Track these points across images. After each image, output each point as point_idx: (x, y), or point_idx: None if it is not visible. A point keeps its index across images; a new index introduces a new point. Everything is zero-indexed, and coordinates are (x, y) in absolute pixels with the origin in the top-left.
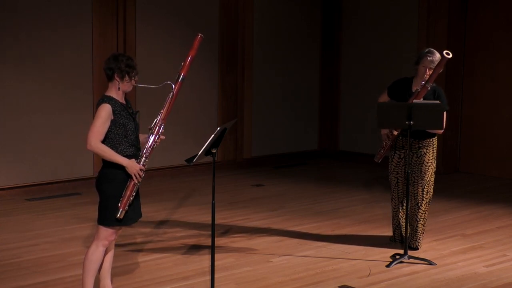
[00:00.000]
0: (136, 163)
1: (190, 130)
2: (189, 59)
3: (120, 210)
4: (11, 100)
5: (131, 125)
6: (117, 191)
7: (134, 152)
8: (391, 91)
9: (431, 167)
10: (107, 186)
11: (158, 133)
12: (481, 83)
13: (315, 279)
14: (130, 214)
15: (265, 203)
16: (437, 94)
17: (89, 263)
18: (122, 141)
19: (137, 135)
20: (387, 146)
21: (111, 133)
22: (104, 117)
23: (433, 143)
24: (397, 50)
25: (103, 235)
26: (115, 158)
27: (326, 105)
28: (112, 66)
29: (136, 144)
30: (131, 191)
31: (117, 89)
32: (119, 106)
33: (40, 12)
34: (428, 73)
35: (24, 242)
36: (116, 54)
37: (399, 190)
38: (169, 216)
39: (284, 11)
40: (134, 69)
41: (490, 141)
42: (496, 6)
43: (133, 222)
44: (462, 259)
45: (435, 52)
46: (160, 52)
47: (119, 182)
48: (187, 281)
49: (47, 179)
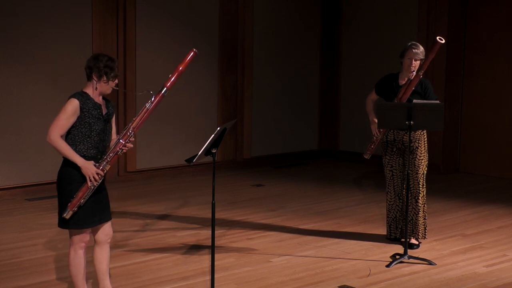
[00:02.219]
0: (92, 165)
1: (190, 130)
2: (178, 73)
3: (67, 210)
4: (11, 100)
5: (98, 126)
6: (75, 193)
7: (94, 155)
8: (379, 88)
9: (424, 160)
10: (66, 187)
11: (125, 140)
12: (481, 83)
13: (315, 279)
14: (85, 217)
15: (265, 203)
16: (425, 85)
17: (73, 268)
18: (84, 140)
19: (104, 138)
20: (378, 141)
21: (74, 129)
22: (70, 111)
23: (424, 136)
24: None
25: (76, 238)
26: (72, 156)
27: (326, 105)
28: (91, 65)
29: (100, 147)
30: (83, 193)
31: (94, 89)
32: (92, 104)
33: (40, 12)
34: (413, 65)
35: (24, 242)
36: (97, 54)
37: (394, 183)
38: (169, 216)
39: (284, 11)
40: (113, 70)
41: (490, 141)
42: (496, 6)
43: (91, 225)
44: (462, 259)
45: (419, 45)
46: (160, 52)
47: (79, 183)
48: (187, 281)
49: (47, 179)
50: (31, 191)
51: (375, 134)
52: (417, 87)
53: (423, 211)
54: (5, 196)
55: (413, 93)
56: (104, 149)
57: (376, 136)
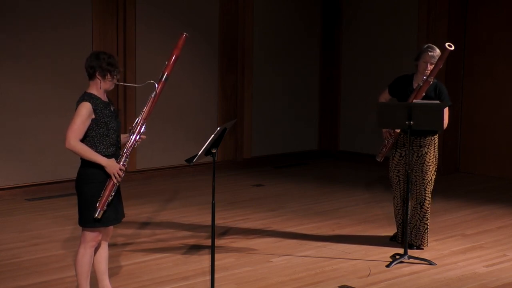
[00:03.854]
0: (115, 163)
1: (190, 130)
2: (173, 58)
3: (98, 210)
4: (11, 100)
5: (113, 123)
6: (98, 192)
7: (114, 152)
8: (392, 89)
9: (432, 166)
10: (88, 187)
11: (139, 133)
12: (481, 83)
13: (315, 279)
14: (111, 215)
15: (265, 203)
16: (439, 90)
17: (80, 267)
18: (102, 140)
19: (119, 134)
20: (389, 145)
21: (91, 131)
22: (85, 115)
23: (435, 141)
24: (397, 50)
25: (89, 237)
26: (95, 157)
27: (326, 105)
28: (94, 64)
29: (117, 143)
30: (110, 191)
31: (98, 88)
32: (102, 104)
33: (40, 12)
34: (429, 68)
35: (24, 242)
36: (97, 52)
37: (401, 189)
38: (169, 216)
39: (284, 11)
40: (116, 67)
41: (490, 141)
42: (496, 6)
43: (115, 222)
44: (462, 259)
45: (435, 47)
46: (160, 52)
47: (99, 182)
48: (187, 281)
49: (47, 179)
50: (31, 191)
51: (385, 137)
52: (431, 92)
53: (426, 217)
54: (5, 196)
55: (427, 98)
56: (120, 144)
57: (387, 139)
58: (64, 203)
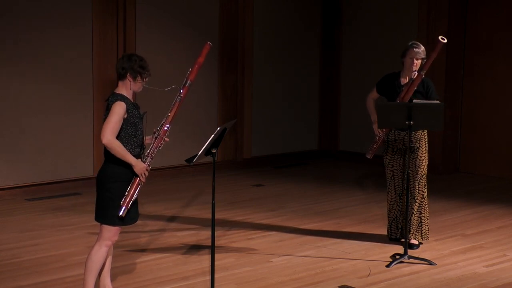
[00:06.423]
0: (142, 163)
1: (190, 130)
2: (197, 66)
3: (123, 208)
4: (11, 100)
5: (141, 125)
6: (122, 191)
7: (138, 153)
8: (380, 87)
9: (425, 161)
10: (114, 185)
11: (164, 134)
12: (481, 83)
13: (315, 279)
14: (132, 214)
15: (265, 203)
16: (426, 84)
17: (92, 263)
18: (130, 140)
19: (144, 136)
20: (380, 141)
21: (121, 131)
22: (121, 114)
23: (425, 136)
24: (397, 50)
25: (107, 235)
26: (127, 156)
27: (326, 105)
28: (126, 66)
29: (142, 145)
30: (135, 190)
31: (128, 89)
32: (131, 105)
33: (40, 12)
34: (415, 64)
35: (24, 242)
36: (130, 54)
37: (395, 183)
38: (169, 216)
39: (284, 11)
40: (147, 70)
41: (490, 141)
42: (496, 6)
43: (134, 221)
44: (462, 259)
45: (420, 44)
46: (160, 52)
47: (124, 181)
48: (187, 281)
49: (47, 179)
50: (31, 191)
51: (377, 133)
52: (419, 87)
53: (425, 211)
54: (5, 196)
55: (415, 92)
56: (144, 146)
57: (378, 135)
58: (64, 203)
